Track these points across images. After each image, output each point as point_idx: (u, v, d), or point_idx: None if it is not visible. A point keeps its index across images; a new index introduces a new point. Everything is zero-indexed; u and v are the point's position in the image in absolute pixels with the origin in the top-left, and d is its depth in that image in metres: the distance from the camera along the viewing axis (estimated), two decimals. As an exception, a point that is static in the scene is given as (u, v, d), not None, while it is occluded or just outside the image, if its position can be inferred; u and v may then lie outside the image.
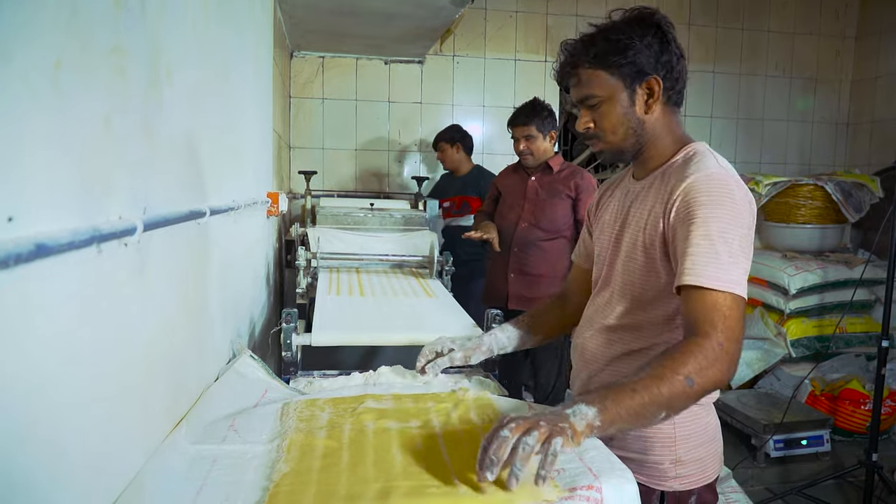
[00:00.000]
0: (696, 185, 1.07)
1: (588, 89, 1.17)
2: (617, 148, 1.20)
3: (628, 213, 1.23)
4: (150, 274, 0.83)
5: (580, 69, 1.17)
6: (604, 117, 1.17)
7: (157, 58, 0.88)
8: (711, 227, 1.03)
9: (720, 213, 1.03)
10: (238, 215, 1.62)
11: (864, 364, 3.73)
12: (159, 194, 0.88)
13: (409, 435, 1.03)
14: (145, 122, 0.83)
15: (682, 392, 0.95)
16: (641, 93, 1.16)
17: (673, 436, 1.18)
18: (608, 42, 1.13)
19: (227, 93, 1.52)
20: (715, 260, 1.01)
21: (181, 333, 1.02)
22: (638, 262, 1.18)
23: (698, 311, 1.01)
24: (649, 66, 1.14)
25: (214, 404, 1.18)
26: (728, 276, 1.01)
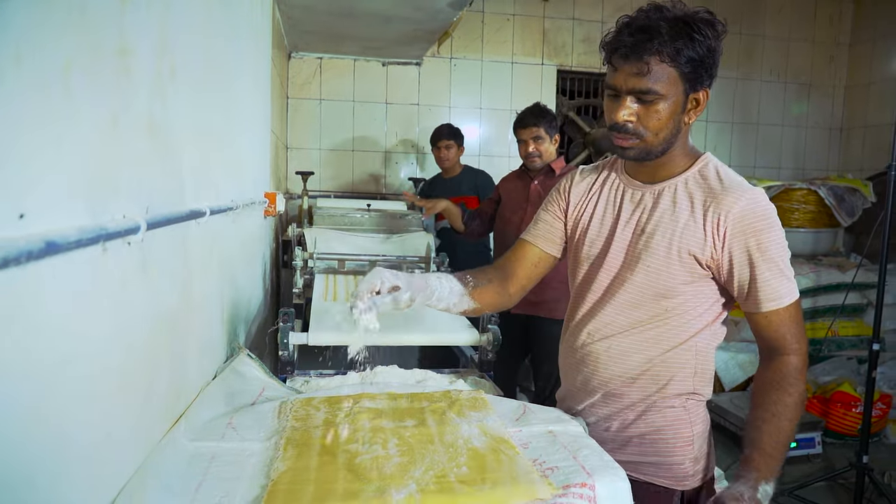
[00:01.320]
0: (751, 209, 1.11)
1: (653, 83, 1.08)
2: (649, 149, 1.15)
3: (650, 220, 1.19)
4: (151, 272, 0.85)
5: (654, 59, 1.07)
6: (654, 116, 1.11)
7: (162, 58, 0.90)
8: (773, 251, 1.11)
9: (775, 235, 1.12)
10: (236, 215, 1.63)
11: (855, 367, 3.76)
12: (161, 194, 0.89)
13: (404, 434, 1.05)
14: (150, 121, 0.84)
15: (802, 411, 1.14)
16: (692, 101, 1.13)
17: (691, 435, 1.22)
18: (693, 42, 1.07)
19: (228, 93, 1.53)
20: (784, 278, 1.12)
21: (181, 331, 1.03)
22: (673, 268, 1.16)
23: (783, 327, 1.13)
24: (707, 76, 1.11)
25: (213, 402, 1.20)
26: (793, 287, 1.14)
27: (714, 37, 1.09)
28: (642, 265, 1.18)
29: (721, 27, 1.11)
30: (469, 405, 1.20)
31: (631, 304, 1.21)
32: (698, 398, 1.24)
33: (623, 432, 1.25)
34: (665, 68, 1.08)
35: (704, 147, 4.63)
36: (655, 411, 1.22)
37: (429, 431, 1.06)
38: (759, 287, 1.11)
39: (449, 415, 1.14)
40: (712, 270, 1.15)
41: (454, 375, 1.64)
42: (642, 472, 1.22)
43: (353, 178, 4.19)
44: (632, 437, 1.24)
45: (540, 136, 2.61)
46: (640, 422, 1.23)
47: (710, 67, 1.11)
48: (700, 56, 1.08)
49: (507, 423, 1.14)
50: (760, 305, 1.12)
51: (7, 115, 0.48)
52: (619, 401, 1.24)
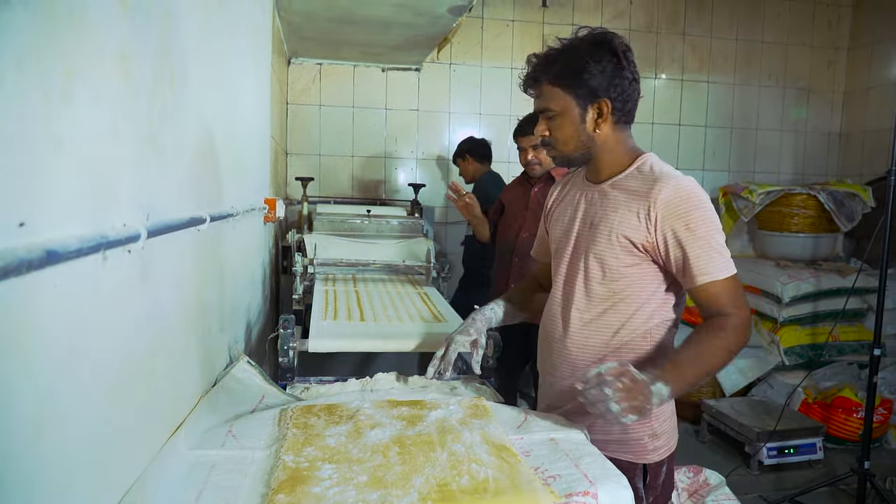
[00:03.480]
0: (676, 194, 1.23)
1: (546, 103, 1.30)
2: (566, 157, 1.35)
3: (595, 216, 1.34)
4: (152, 280, 0.84)
5: (541, 83, 1.30)
6: (557, 129, 1.31)
7: (162, 64, 0.89)
8: (702, 229, 1.21)
9: (703, 214, 1.22)
10: (236, 222, 1.63)
11: (856, 372, 3.75)
12: (161, 201, 0.89)
13: (405, 442, 1.04)
14: (150, 128, 0.84)
15: (726, 362, 1.22)
16: (592, 112, 1.29)
17: (649, 413, 1.28)
18: (568, 63, 1.26)
19: (228, 99, 1.53)
20: (716, 254, 1.21)
21: (182, 339, 1.03)
22: (615, 251, 1.29)
23: (720, 297, 1.22)
24: (601, 88, 1.26)
25: (213, 410, 1.19)
26: (726, 263, 1.22)
27: (599, 55, 1.24)
28: (590, 253, 1.32)
29: (617, 42, 1.26)
30: (470, 412, 1.19)
31: (585, 293, 1.34)
32: None
33: (591, 418, 1.32)
34: (552, 89, 1.29)
35: (704, 152, 4.64)
36: None
37: (430, 439, 1.06)
38: (692, 264, 1.21)
39: (450, 422, 1.14)
40: (650, 253, 1.26)
41: (455, 382, 1.63)
42: (609, 449, 1.29)
43: (353, 184, 4.19)
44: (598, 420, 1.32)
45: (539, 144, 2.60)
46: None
47: (602, 81, 1.25)
48: (582, 75, 1.24)
49: (508, 430, 1.14)
50: (695, 280, 1.22)
51: (7, 122, 0.48)
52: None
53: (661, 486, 1.36)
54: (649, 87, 4.51)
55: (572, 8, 4.34)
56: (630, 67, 1.28)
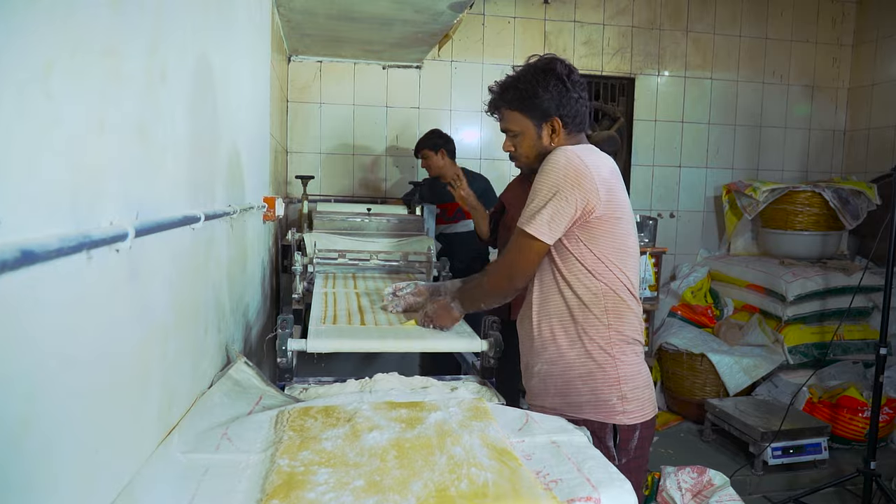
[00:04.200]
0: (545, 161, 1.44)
1: (507, 124, 1.56)
2: (530, 166, 1.57)
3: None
4: (142, 280, 0.82)
5: (502, 108, 1.56)
6: (520, 145, 1.56)
7: (152, 59, 0.87)
8: (539, 188, 1.41)
9: (548, 179, 1.41)
10: (234, 220, 1.60)
11: (861, 371, 3.72)
12: (153, 199, 0.87)
13: (403, 445, 1.02)
14: (140, 125, 0.82)
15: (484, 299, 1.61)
16: (546, 129, 1.51)
17: (616, 376, 1.45)
18: (518, 91, 1.50)
19: (224, 96, 1.50)
20: (532, 210, 1.42)
21: (175, 340, 1.01)
22: None
23: (510, 242, 1.49)
24: (552, 108, 1.49)
25: (208, 411, 1.17)
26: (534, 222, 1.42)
27: (545, 80, 1.47)
28: None
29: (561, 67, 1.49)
30: (470, 414, 1.17)
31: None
32: (625, 344, 1.46)
33: (563, 382, 1.49)
34: (510, 112, 1.54)
35: (707, 149, 4.60)
36: (586, 357, 1.46)
37: (429, 442, 1.03)
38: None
39: (450, 425, 1.11)
40: None
41: (456, 382, 1.61)
42: (583, 412, 1.45)
43: (354, 182, 4.16)
44: (570, 383, 1.48)
45: None
46: (573, 368, 1.47)
47: (550, 101, 1.48)
48: (533, 99, 1.48)
49: (509, 433, 1.11)
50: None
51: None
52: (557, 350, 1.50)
53: (633, 450, 1.46)
54: (652, 84, 4.48)
55: (574, 4, 4.30)
56: (575, 88, 1.49)
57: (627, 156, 4.50)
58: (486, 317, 1.70)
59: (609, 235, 1.43)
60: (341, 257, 2.57)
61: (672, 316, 4.15)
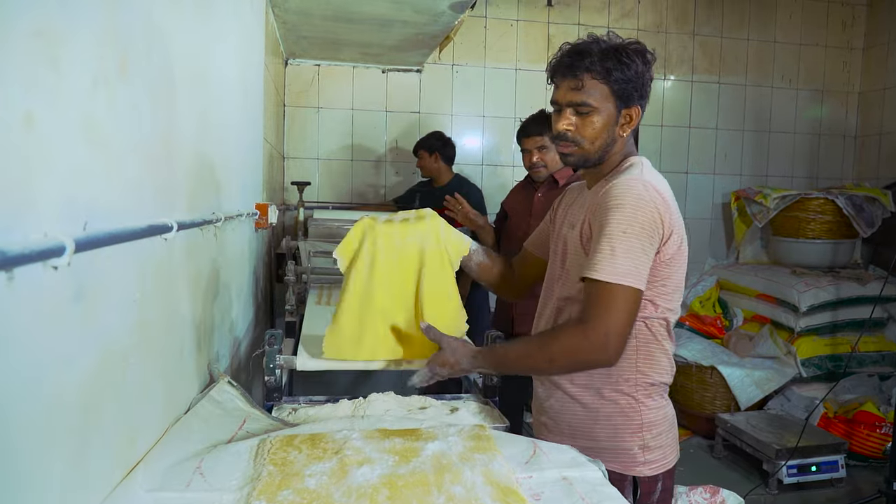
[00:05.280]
0: (610, 190, 1.23)
1: (586, 96, 1.27)
2: (586, 156, 1.32)
3: (573, 216, 1.37)
4: (91, 300, 0.71)
5: (587, 76, 1.26)
6: (588, 126, 1.29)
7: (109, 48, 0.76)
8: (612, 227, 1.18)
9: (620, 215, 1.19)
10: (218, 229, 1.50)
11: (877, 384, 3.60)
12: (107, 206, 0.76)
13: (396, 483, 0.91)
14: (89, 123, 0.71)
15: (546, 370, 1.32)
16: (625, 116, 1.30)
17: (640, 423, 1.29)
18: (620, 63, 1.25)
19: (206, 97, 1.40)
20: (610, 256, 1.17)
21: (137, 364, 0.89)
22: (577, 261, 1.31)
23: (589, 298, 1.19)
24: (637, 95, 1.29)
25: (181, 441, 1.06)
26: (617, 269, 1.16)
27: (642, 63, 1.27)
28: (566, 257, 1.35)
29: (651, 56, 1.30)
30: (472, 445, 1.05)
31: (562, 295, 1.36)
32: (651, 386, 1.30)
33: (578, 423, 1.34)
34: (597, 84, 1.27)
35: (715, 154, 4.49)
36: (606, 399, 1.30)
37: (425, 479, 0.92)
38: (589, 255, 1.22)
39: (449, 457, 1.00)
40: None
41: (456, 402, 1.50)
42: (597, 457, 1.21)
43: (352, 189, 4.06)
44: (585, 423, 1.33)
45: (545, 145, 2.48)
46: (591, 410, 1.32)
47: (640, 88, 1.28)
48: (628, 77, 1.25)
49: (515, 466, 1.00)
50: (582, 270, 1.22)
51: None
52: (573, 389, 1.33)
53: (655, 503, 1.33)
54: (658, 88, 4.37)
55: (578, 7, 4.21)
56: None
57: (633, 162, 4.38)
58: (488, 332, 1.59)
59: (666, 274, 1.26)
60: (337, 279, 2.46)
61: (680, 326, 4.03)
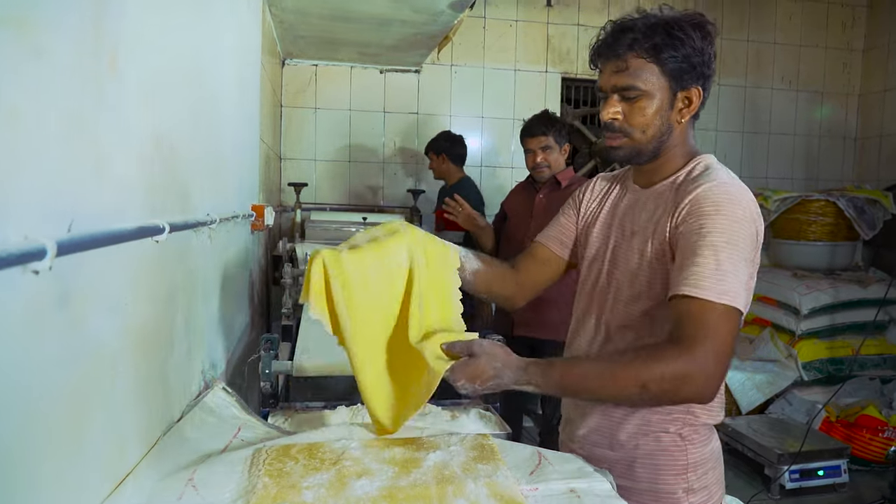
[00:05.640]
0: (705, 193, 1.05)
1: (632, 79, 1.09)
2: (638, 148, 1.13)
3: (633, 222, 1.18)
4: (76, 306, 0.67)
5: (631, 55, 1.08)
6: (637, 113, 1.11)
7: (99, 42, 0.73)
8: (714, 236, 0.99)
9: (723, 223, 1.00)
10: (214, 230, 1.46)
11: (878, 388, 3.57)
12: (95, 207, 0.72)
13: (397, 496, 0.87)
14: (76, 119, 0.67)
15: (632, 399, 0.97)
16: (681, 99, 1.12)
17: (685, 464, 1.14)
18: (670, 37, 1.07)
19: (201, 95, 1.36)
20: (716, 271, 0.97)
21: (127, 371, 0.86)
22: (644, 274, 1.13)
23: (686, 319, 0.97)
24: (696, 75, 1.10)
25: (174, 451, 1.02)
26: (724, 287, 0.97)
27: (701, 37, 1.09)
28: (621, 270, 1.18)
29: (712, 28, 1.11)
30: (475, 455, 1.02)
31: (613, 312, 1.18)
32: (698, 423, 1.15)
33: (614, 456, 1.18)
34: (645, 64, 1.08)
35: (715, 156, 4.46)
36: (648, 435, 1.16)
37: (427, 492, 0.88)
38: (683, 268, 1.00)
39: (451, 468, 0.96)
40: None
41: (457, 409, 1.46)
42: (634, 499, 1.12)
43: (350, 190, 4.02)
44: (623, 461, 1.17)
45: (549, 145, 2.45)
46: (631, 446, 1.17)
47: (699, 66, 1.10)
48: (683, 55, 1.07)
49: (520, 477, 0.96)
50: (676, 287, 1.00)
51: None
52: (610, 421, 1.19)
53: None
54: (658, 89, 4.34)
55: (578, 8, 4.18)
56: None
57: (633, 163, 4.35)
58: (489, 334, 1.56)
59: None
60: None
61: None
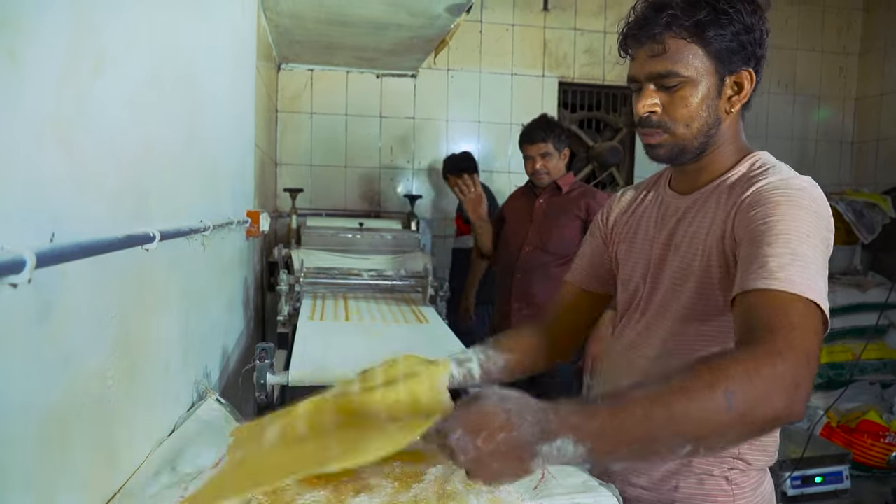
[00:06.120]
0: (773, 186, 0.88)
1: (672, 64, 0.92)
2: (682, 144, 0.96)
3: (674, 234, 1.02)
4: (59, 319, 0.64)
5: (670, 35, 0.91)
6: (680, 104, 0.93)
7: (82, 44, 0.70)
8: (790, 225, 0.81)
9: (801, 213, 0.82)
10: (207, 237, 1.43)
11: (878, 392, 3.55)
12: (79, 216, 0.69)
13: None
14: (58, 125, 0.64)
15: (717, 417, 0.65)
16: (730, 85, 0.95)
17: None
18: (716, 12, 0.90)
19: (194, 100, 1.33)
20: (794, 262, 0.77)
21: (116, 386, 0.83)
22: (689, 291, 0.97)
23: (762, 313, 0.74)
24: (747, 55, 0.93)
25: (165, 466, 0.98)
26: (808, 281, 0.76)
27: (752, 11, 0.92)
28: (666, 287, 1.01)
29: (764, 1, 0.95)
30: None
31: (657, 333, 1.03)
32: (747, 466, 0.99)
33: (649, 497, 1.03)
34: (686, 45, 0.92)
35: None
36: (690, 477, 0.99)
37: None
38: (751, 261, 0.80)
39: (453, 483, 0.93)
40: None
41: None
42: None
43: (346, 196, 3.99)
44: (658, 502, 1.02)
45: (548, 151, 2.43)
46: (670, 486, 1.01)
47: (751, 46, 0.93)
48: (732, 32, 0.91)
49: (523, 493, 0.93)
50: (742, 283, 0.79)
51: None
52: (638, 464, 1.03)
53: None
54: (655, 93, 4.33)
55: (574, 12, 4.17)
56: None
57: (630, 167, 4.35)
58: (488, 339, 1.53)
59: None
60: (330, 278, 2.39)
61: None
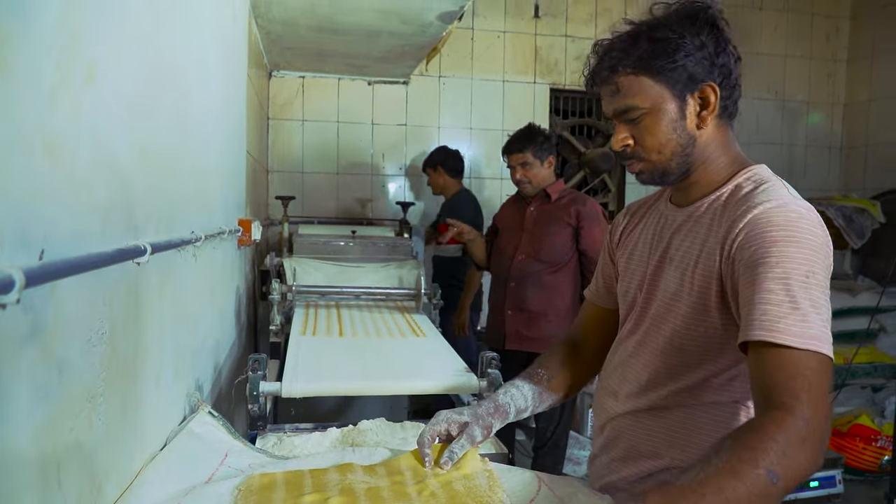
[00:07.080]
0: (768, 216, 0.88)
1: (627, 100, 0.98)
2: (661, 168, 1.00)
3: (669, 247, 1.04)
4: (49, 338, 0.63)
5: (618, 75, 0.98)
6: (647, 133, 0.98)
7: (74, 54, 0.69)
8: (788, 268, 0.83)
9: (797, 253, 0.84)
10: (198, 249, 1.41)
11: (870, 396, 3.57)
12: (69, 232, 0.68)
13: None
14: (47, 136, 0.63)
15: (765, 491, 0.72)
16: (694, 103, 0.98)
17: None
18: (653, 42, 0.95)
19: (186, 108, 1.32)
20: (794, 311, 0.81)
21: (106, 401, 0.81)
22: (683, 307, 0.99)
23: (775, 376, 0.79)
24: (703, 70, 0.96)
25: (156, 483, 0.97)
26: (811, 331, 0.80)
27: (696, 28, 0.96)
28: (654, 305, 1.04)
29: (711, 12, 0.98)
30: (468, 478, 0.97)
31: (652, 344, 1.04)
32: None
33: None
34: (635, 80, 0.97)
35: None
36: None
37: None
38: (753, 307, 0.83)
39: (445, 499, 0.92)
40: (726, 302, 0.94)
41: (451, 429, 1.42)
42: None
43: (338, 203, 3.98)
44: None
45: (527, 161, 2.45)
46: None
47: (706, 60, 0.96)
48: (681, 56, 0.94)
49: (520, 506, 0.92)
50: (750, 330, 0.82)
51: None
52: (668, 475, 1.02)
53: None
54: (646, 100, 4.36)
55: (565, 19, 4.19)
56: (731, 44, 1.00)
57: (622, 174, 4.36)
58: (483, 352, 1.52)
59: None
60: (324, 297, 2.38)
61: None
